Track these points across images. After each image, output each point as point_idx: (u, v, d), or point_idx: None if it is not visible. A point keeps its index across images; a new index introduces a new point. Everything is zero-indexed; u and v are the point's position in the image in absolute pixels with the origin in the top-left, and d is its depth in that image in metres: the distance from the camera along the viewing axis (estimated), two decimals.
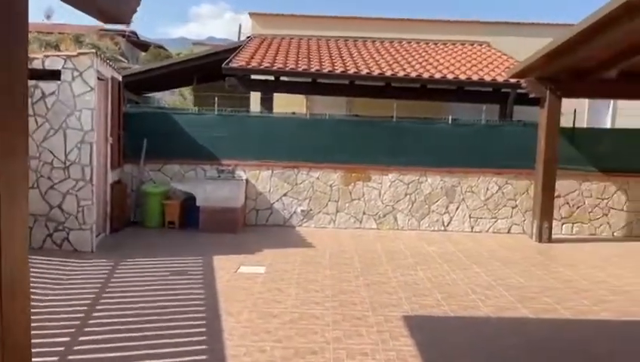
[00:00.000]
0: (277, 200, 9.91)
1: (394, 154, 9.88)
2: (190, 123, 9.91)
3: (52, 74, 6.17)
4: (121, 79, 9.13)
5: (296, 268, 6.85)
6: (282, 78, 11.09)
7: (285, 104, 12.39)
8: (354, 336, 4.61)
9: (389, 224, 9.94)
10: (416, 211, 9.94)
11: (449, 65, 11.62)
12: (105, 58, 8.09)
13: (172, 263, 6.90)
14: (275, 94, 11.59)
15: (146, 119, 9.87)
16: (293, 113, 10.95)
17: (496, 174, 9.96)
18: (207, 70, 14.58)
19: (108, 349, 4.16)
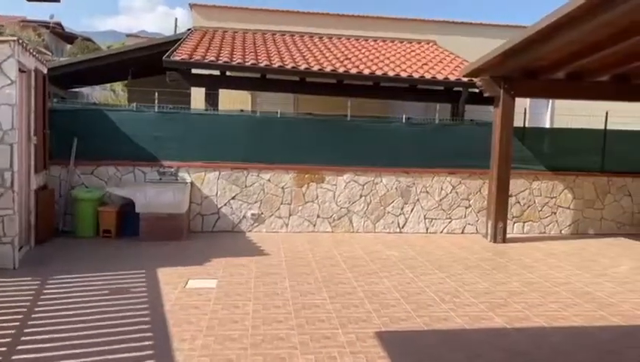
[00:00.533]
0: (225, 204, 9.24)
1: (348, 154, 9.49)
2: (127, 121, 9.01)
3: None
4: (46, 71, 8.12)
5: (251, 280, 6.27)
6: (228, 73, 10.39)
7: (229, 101, 11.69)
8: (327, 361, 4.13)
9: (344, 227, 9.55)
10: (371, 213, 9.60)
11: (400, 63, 11.40)
12: (28, 47, 7.09)
13: (110, 279, 6.10)
14: (220, 90, 10.86)
15: (77, 116, 8.87)
16: (241, 110, 10.30)
17: (450, 174, 9.82)
18: (143, 64, 13.56)
19: None
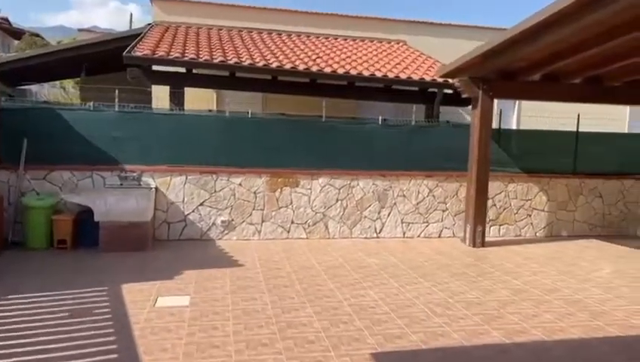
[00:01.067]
0: (192, 210, 8.64)
1: (324, 156, 9.08)
2: (84, 121, 8.27)
3: None
4: None
5: (227, 296, 5.75)
6: (195, 71, 9.78)
7: (192, 100, 11.03)
8: None
9: (320, 233, 9.13)
10: (347, 218, 9.23)
11: (373, 62, 11.09)
12: None
13: (68, 298, 5.45)
14: (185, 89, 10.22)
15: (27, 116, 8.07)
16: (209, 110, 9.71)
17: (426, 177, 9.57)
18: (99, 60, 12.71)
19: None
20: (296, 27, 13.93)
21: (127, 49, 9.26)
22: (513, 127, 14.46)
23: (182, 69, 9.79)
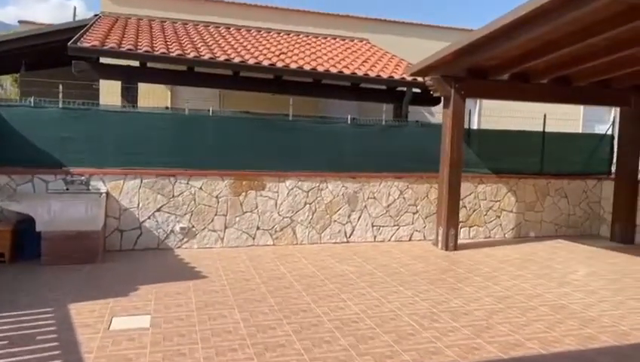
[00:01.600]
0: (148, 217, 7.92)
1: (291, 157, 8.57)
2: (23, 119, 7.40)
3: None
4: None
5: (193, 314, 5.14)
6: (149, 65, 9.02)
7: (145, 96, 10.22)
8: None
9: (287, 238, 8.60)
10: (316, 222, 8.75)
11: (339, 59, 10.66)
12: None
13: (5, 323, 4.69)
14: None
15: None
16: (167, 108, 8.98)
17: (397, 178, 9.24)
18: (41, 54, 11.67)
19: None
20: (255, 22, 13.33)
21: (72, 40, 8.40)
22: (475, 127, 14.46)
23: (135, 63, 9.00)
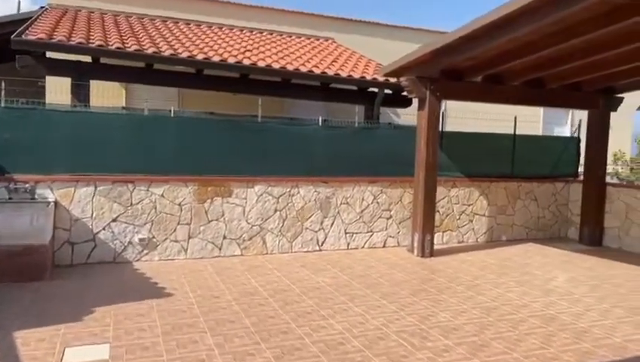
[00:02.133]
0: (103, 227, 7.20)
1: (260, 161, 8.05)
2: None
3: None
4: None
5: (159, 340, 4.55)
6: (102, 61, 8.27)
7: (97, 95, 9.41)
8: None
9: (257, 248, 8.07)
10: (287, 230, 8.26)
11: (308, 58, 10.21)
12: None
13: None
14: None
15: None
16: (123, 108, 8.25)
17: (370, 183, 8.88)
18: None
19: None
20: (217, 19, 12.68)
21: (16, 32, 7.55)
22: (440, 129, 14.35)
23: (86, 58, 8.23)
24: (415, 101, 9.80)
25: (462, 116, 11.05)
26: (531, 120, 15.06)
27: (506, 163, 10.10)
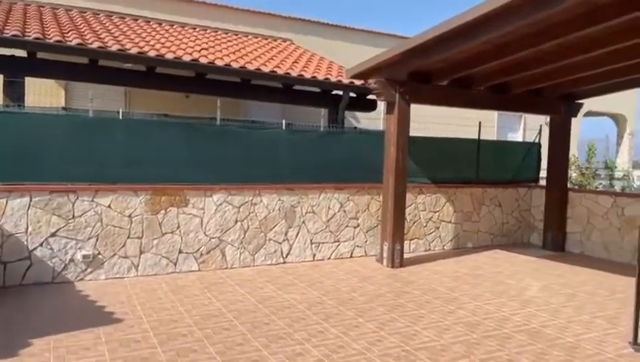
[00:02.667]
0: (40, 243, 6.34)
1: (220, 168, 7.42)
2: None
3: None
4: None
5: None
6: (39, 56, 7.38)
7: (33, 93, 8.47)
8: None
9: (216, 262, 7.41)
10: (249, 242, 7.65)
11: (267, 59, 9.65)
12: None
13: None
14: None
15: None
16: (63, 108, 7.39)
17: (337, 189, 8.43)
18: None
19: None
20: (169, 16, 11.90)
21: None
22: None
23: (21, 53, 7.32)
24: (380, 105, 9.49)
25: (419, 120, 10.86)
26: (486, 125, 15.22)
27: (471, 168, 9.95)
